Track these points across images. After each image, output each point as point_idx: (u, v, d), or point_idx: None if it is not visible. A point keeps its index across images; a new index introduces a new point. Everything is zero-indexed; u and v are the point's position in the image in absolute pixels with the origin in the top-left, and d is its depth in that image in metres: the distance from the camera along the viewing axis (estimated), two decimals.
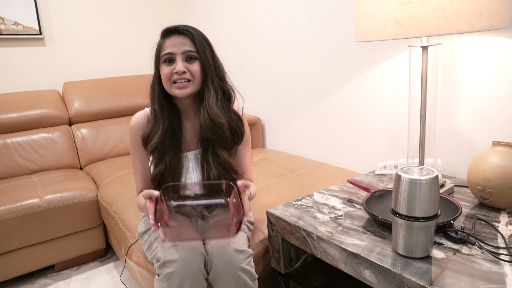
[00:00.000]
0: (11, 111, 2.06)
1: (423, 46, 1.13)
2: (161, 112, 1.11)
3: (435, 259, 0.84)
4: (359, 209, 1.13)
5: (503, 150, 1.06)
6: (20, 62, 2.29)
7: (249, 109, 2.39)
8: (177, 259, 0.95)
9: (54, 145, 2.12)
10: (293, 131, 2.11)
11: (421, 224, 0.81)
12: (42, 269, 1.83)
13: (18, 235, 1.62)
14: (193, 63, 1.07)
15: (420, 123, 1.19)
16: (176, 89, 1.06)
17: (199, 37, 1.07)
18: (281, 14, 1.99)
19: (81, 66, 2.49)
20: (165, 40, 1.07)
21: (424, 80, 1.16)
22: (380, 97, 1.60)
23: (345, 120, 1.78)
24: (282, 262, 1.16)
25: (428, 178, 0.79)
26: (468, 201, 1.14)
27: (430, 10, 0.94)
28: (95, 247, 1.84)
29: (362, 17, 1.08)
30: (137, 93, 2.43)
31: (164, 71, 1.06)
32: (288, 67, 2.03)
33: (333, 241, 0.95)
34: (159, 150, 1.10)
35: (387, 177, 1.39)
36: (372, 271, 0.86)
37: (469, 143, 1.34)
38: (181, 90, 1.06)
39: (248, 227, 1.17)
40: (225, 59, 2.69)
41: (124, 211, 1.53)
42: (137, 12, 2.66)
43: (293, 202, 1.20)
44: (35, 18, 2.27)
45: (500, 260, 0.82)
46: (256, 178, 1.71)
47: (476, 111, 1.30)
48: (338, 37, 1.72)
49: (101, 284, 1.68)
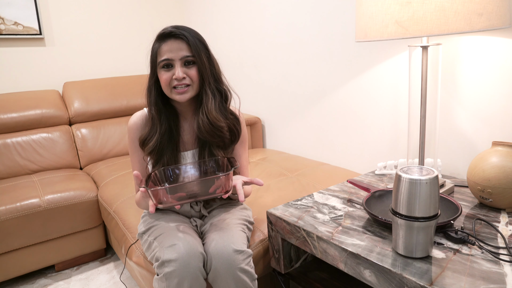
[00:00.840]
0: (11, 111, 2.06)
1: (423, 46, 1.13)
2: (158, 116, 1.12)
3: (435, 259, 0.84)
4: (359, 209, 1.13)
5: (503, 150, 1.06)
6: (20, 62, 2.29)
7: (249, 109, 2.39)
8: (176, 259, 0.95)
9: (54, 145, 2.12)
10: (293, 131, 2.11)
11: (421, 224, 0.81)
12: (42, 269, 1.83)
13: (18, 235, 1.62)
14: (191, 68, 1.07)
15: (420, 123, 1.19)
16: (177, 95, 1.08)
17: (194, 40, 1.07)
18: (281, 14, 1.99)
19: (81, 66, 2.49)
20: (161, 45, 1.07)
21: (424, 80, 1.16)
22: (380, 97, 1.60)
23: (345, 120, 1.78)
24: (282, 262, 1.16)
25: (428, 178, 0.79)
26: (468, 201, 1.14)
27: (430, 10, 0.94)
28: (95, 247, 1.84)
29: (362, 17, 1.08)
30: (137, 93, 2.43)
31: (163, 77, 1.07)
32: (288, 67, 2.03)
33: (333, 241, 0.95)
34: (157, 152, 1.11)
35: (387, 177, 1.39)
36: (372, 271, 0.86)
37: (469, 143, 1.34)
38: (182, 96, 1.07)
39: (248, 227, 1.17)
40: (225, 59, 2.70)
41: (124, 211, 1.53)
42: (137, 12, 2.67)
43: (293, 202, 1.20)
44: (35, 18, 2.27)
45: (500, 260, 0.82)
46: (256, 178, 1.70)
47: (476, 111, 1.30)
48: (338, 37, 1.72)
49: (101, 284, 1.68)
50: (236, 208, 1.21)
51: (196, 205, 1.20)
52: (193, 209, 1.19)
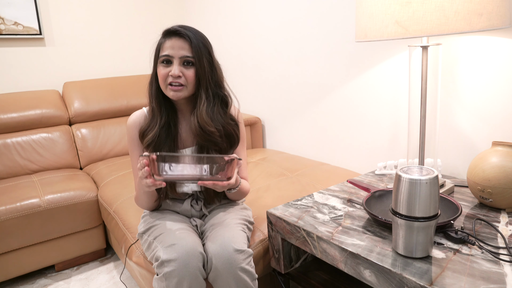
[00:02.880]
0: (11, 111, 2.06)
1: (423, 46, 1.13)
2: (158, 108, 1.13)
3: (435, 259, 0.84)
4: (359, 209, 1.13)
5: (503, 150, 1.06)
6: (20, 62, 2.29)
7: (249, 109, 2.39)
8: (175, 259, 0.95)
9: (54, 145, 2.12)
10: (293, 131, 2.11)
11: (421, 224, 0.81)
12: (42, 269, 1.83)
13: (18, 235, 1.62)
14: (189, 69, 1.08)
15: (420, 123, 1.19)
16: (171, 91, 1.08)
17: (197, 42, 1.07)
18: (281, 14, 1.99)
19: (81, 66, 2.49)
20: (166, 40, 1.08)
21: (424, 80, 1.16)
22: (380, 97, 1.60)
23: (345, 120, 1.78)
24: (282, 262, 1.16)
25: (428, 178, 0.79)
26: (468, 201, 1.14)
27: (430, 10, 0.94)
28: (95, 247, 1.84)
29: (362, 17, 1.08)
30: (137, 93, 2.43)
31: (161, 72, 1.08)
32: (288, 67, 2.03)
33: (333, 241, 0.95)
34: (154, 145, 1.11)
35: (387, 177, 1.39)
36: (372, 271, 0.86)
37: (469, 143, 1.34)
38: (175, 93, 1.08)
39: (248, 227, 1.17)
40: (225, 59, 2.70)
41: (124, 211, 1.53)
42: (137, 12, 2.67)
43: (293, 202, 1.20)
44: (35, 18, 2.27)
45: (500, 260, 0.82)
46: (256, 178, 1.71)
47: (476, 111, 1.30)
48: (338, 37, 1.72)
49: (101, 284, 1.68)
50: (236, 208, 1.21)
51: (197, 204, 1.20)
52: (193, 209, 1.19)
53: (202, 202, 1.20)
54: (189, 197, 1.20)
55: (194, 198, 1.20)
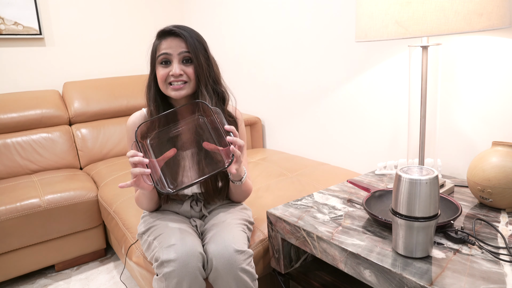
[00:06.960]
0: (11, 111, 2.06)
1: (423, 46, 1.13)
2: (156, 112, 1.12)
3: (435, 259, 0.84)
4: (359, 209, 1.13)
5: (503, 150, 1.06)
6: (20, 62, 2.29)
7: (249, 109, 2.39)
8: (175, 259, 0.95)
9: (54, 145, 2.12)
10: (293, 131, 2.11)
11: (421, 224, 0.81)
12: (42, 269, 1.83)
13: (18, 235, 1.62)
14: (188, 66, 1.08)
15: (420, 123, 1.18)
16: (172, 91, 1.08)
17: (193, 40, 1.08)
18: (281, 13, 1.99)
19: (81, 66, 2.49)
20: (161, 41, 1.09)
21: (424, 80, 1.16)
22: (380, 97, 1.60)
23: (345, 120, 1.78)
24: (282, 262, 1.16)
25: (428, 178, 0.79)
26: (468, 201, 1.14)
27: (430, 10, 0.94)
28: (95, 247, 1.84)
29: (362, 17, 1.08)
30: (137, 93, 2.43)
31: (160, 73, 1.08)
32: (288, 67, 2.03)
33: (333, 241, 0.95)
34: None
35: (387, 177, 1.39)
36: (372, 271, 0.86)
37: (469, 143, 1.34)
38: (177, 92, 1.08)
39: (248, 227, 1.17)
40: (224, 58, 2.70)
41: (124, 211, 1.53)
42: (137, 12, 2.66)
43: (293, 202, 1.20)
44: (35, 18, 2.27)
45: (500, 260, 0.82)
46: (256, 178, 1.71)
47: (476, 111, 1.30)
48: (338, 37, 1.72)
49: (101, 284, 1.68)
50: (236, 208, 1.21)
51: (197, 205, 1.20)
52: (193, 210, 1.19)
53: (202, 203, 1.20)
54: (189, 198, 1.20)
55: (194, 199, 1.20)
